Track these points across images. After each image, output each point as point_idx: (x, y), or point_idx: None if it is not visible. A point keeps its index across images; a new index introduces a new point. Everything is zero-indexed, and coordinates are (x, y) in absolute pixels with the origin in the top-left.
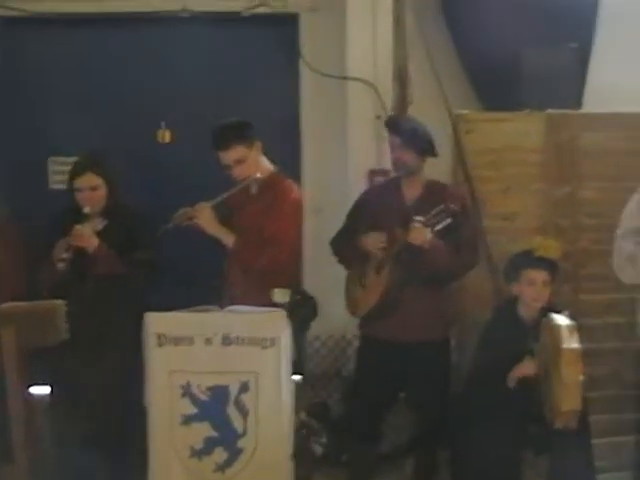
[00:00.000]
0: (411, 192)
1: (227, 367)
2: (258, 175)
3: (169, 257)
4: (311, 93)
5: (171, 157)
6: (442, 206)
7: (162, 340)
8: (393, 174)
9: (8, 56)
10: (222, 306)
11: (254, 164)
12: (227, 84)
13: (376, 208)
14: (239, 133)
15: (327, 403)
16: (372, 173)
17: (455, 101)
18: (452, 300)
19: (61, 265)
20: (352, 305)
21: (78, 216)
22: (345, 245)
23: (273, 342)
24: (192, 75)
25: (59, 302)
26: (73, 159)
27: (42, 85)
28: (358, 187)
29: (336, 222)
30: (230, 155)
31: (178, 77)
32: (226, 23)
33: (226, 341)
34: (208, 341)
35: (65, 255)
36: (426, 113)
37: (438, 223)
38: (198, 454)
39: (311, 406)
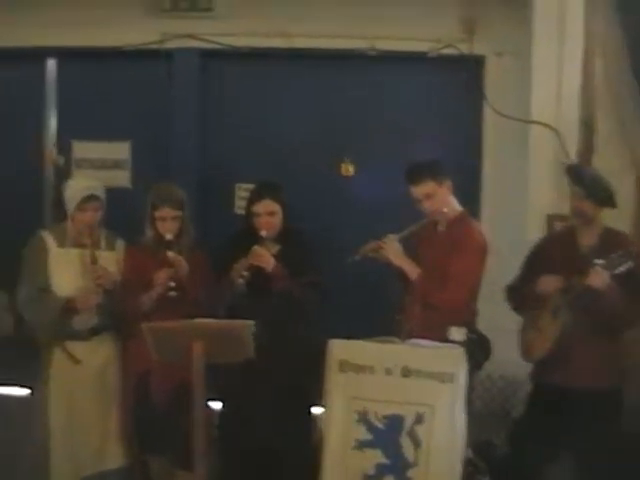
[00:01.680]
0: (587, 240)
1: (404, 398)
2: (445, 211)
3: (350, 286)
4: (493, 135)
5: (353, 189)
6: (623, 250)
7: (344, 367)
8: (572, 221)
9: (204, 87)
10: (401, 338)
11: (443, 201)
12: (410, 122)
13: (552, 256)
14: (431, 170)
15: (493, 442)
16: (550, 218)
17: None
18: (626, 350)
19: (240, 281)
20: (527, 349)
21: (254, 239)
22: (521, 291)
23: (451, 377)
24: (376, 111)
25: (248, 322)
26: None
27: (234, 115)
28: (536, 231)
29: (512, 265)
30: (421, 189)
31: (362, 113)
32: (412, 63)
33: (405, 372)
34: (388, 371)
35: (245, 272)
36: (609, 160)
37: (618, 266)
38: (369, 479)
39: (477, 444)
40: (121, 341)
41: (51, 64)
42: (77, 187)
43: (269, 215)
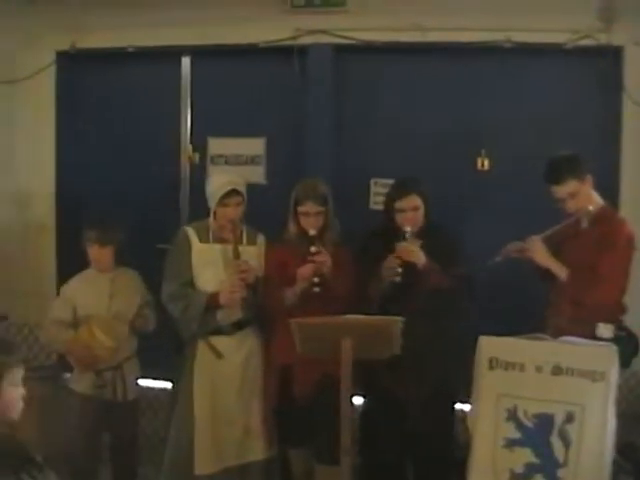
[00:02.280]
0: None
1: (554, 396)
2: (590, 208)
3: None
4: (633, 128)
5: (488, 184)
6: None
7: (493, 364)
8: None
9: (338, 82)
10: (550, 335)
11: (586, 198)
12: (547, 114)
13: None
14: (572, 167)
15: (637, 445)
16: None
17: None
18: None
19: (397, 279)
20: None
21: (394, 235)
22: None
23: (603, 376)
24: (512, 104)
25: (397, 318)
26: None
27: (368, 110)
28: None
29: None
30: (563, 189)
31: (498, 106)
32: (548, 54)
33: (556, 370)
34: (539, 369)
35: (400, 269)
36: None
37: None
38: (518, 478)
39: (621, 445)
40: (263, 335)
41: (185, 62)
42: (219, 182)
43: (413, 210)
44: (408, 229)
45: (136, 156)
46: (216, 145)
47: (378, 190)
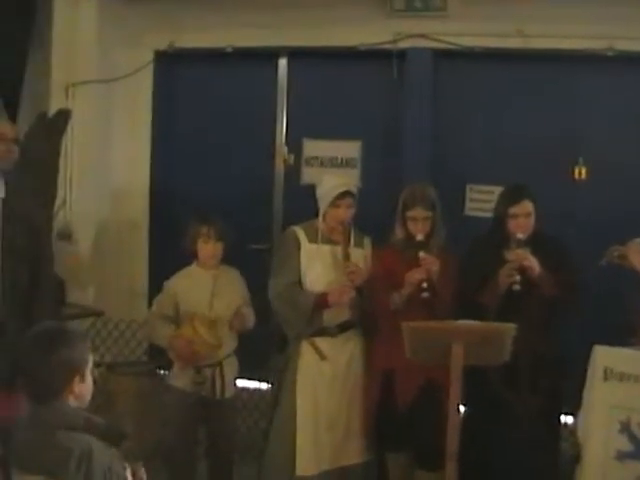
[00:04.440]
0: None
1: None
2: None
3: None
4: None
5: (586, 194)
6: None
7: (608, 374)
8: None
9: (436, 87)
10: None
11: None
12: None
13: None
14: None
15: None
16: None
17: None
18: None
19: (517, 287)
20: None
21: (504, 241)
22: None
23: None
24: (613, 114)
25: (511, 325)
26: (489, 187)
27: (466, 115)
28: None
29: None
30: None
31: (599, 115)
32: None
33: None
34: None
35: (519, 277)
36: None
37: None
38: None
39: None
40: (367, 338)
41: (282, 63)
42: (332, 184)
43: (526, 216)
44: (520, 235)
45: (231, 156)
46: (311, 147)
47: (474, 196)
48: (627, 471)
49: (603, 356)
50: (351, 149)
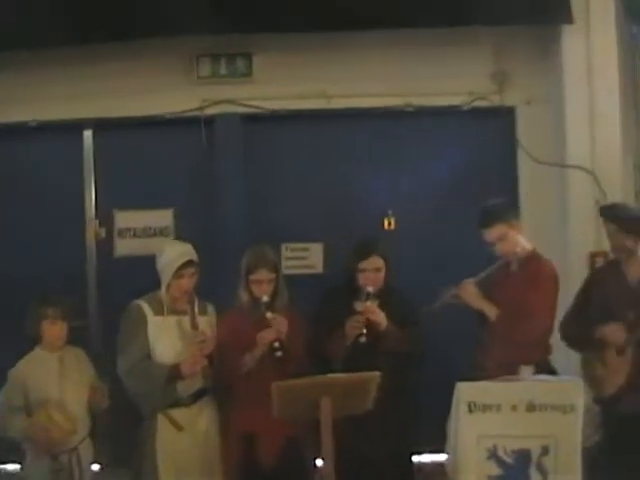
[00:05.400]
0: (633, 271)
1: (530, 432)
2: (518, 251)
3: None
4: (529, 181)
5: (395, 243)
6: None
7: (472, 407)
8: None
9: (246, 150)
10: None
11: (515, 242)
12: (449, 173)
13: (603, 291)
14: (501, 213)
15: None
16: (592, 255)
17: None
18: None
19: (362, 339)
20: (596, 385)
21: (353, 295)
22: (578, 329)
23: (572, 408)
24: (415, 166)
25: (375, 374)
26: (304, 245)
27: (276, 178)
28: (580, 270)
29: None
30: (493, 232)
31: (402, 167)
32: (446, 117)
33: (530, 407)
34: (514, 408)
35: (364, 330)
36: None
37: None
38: None
39: None
40: (222, 404)
41: (88, 135)
42: (175, 253)
43: (375, 271)
44: (370, 289)
45: (41, 233)
46: (123, 218)
47: (288, 254)
48: None
49: (466, 391)
50: (163, 218)
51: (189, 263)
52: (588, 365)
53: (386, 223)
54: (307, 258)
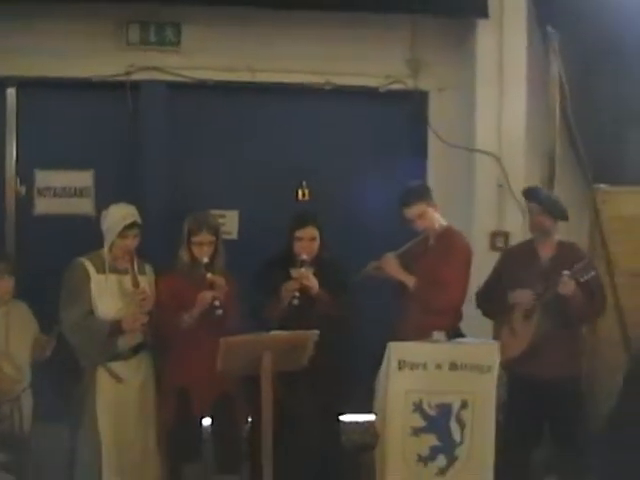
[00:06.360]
0: (545, 251)
1: (452, 388)
2: (436, 227)
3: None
4: (438, 162)
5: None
6: (586, 260)
7: (401, 365)
8: (527, 237)
9: (170, 118)
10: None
11: (432, 219)
12: (363, 151)
13: (517, 266)
14: (421, 193)
15: None
16: (493, 235)
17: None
18: (584, 342)
19: (295, 302)
20: (503, 349)
21: (292, 262)
22: (491, 299)
23: (489, 368)
24: (331, 141)
25: (314, 332)
26: (220, 212)
27: (198, 145)
28: (482, 247)
29: None
30: (414, 210)
31: (319, 142)
32: (364, 97)
33: (452, 367)
34: (438, 366)
35: (298, 293)
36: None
37: (584, 276)
38: (424, 460)
39: None
40: (159, 359)
41: (11, 93)
42: (119, 214)
43: (311, 240)
44: (305, 257)
45: None
46: (43, 177)
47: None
48: (422, 443)
49: (396, 350)
50: (84, 179)
51: (133, 224)
52: (498, 331)
53: (300, 194)
54: (224, 225)
